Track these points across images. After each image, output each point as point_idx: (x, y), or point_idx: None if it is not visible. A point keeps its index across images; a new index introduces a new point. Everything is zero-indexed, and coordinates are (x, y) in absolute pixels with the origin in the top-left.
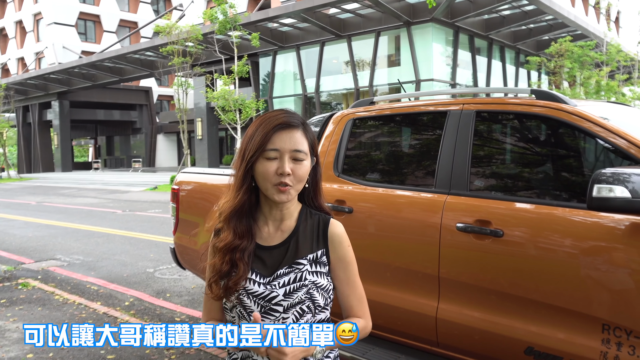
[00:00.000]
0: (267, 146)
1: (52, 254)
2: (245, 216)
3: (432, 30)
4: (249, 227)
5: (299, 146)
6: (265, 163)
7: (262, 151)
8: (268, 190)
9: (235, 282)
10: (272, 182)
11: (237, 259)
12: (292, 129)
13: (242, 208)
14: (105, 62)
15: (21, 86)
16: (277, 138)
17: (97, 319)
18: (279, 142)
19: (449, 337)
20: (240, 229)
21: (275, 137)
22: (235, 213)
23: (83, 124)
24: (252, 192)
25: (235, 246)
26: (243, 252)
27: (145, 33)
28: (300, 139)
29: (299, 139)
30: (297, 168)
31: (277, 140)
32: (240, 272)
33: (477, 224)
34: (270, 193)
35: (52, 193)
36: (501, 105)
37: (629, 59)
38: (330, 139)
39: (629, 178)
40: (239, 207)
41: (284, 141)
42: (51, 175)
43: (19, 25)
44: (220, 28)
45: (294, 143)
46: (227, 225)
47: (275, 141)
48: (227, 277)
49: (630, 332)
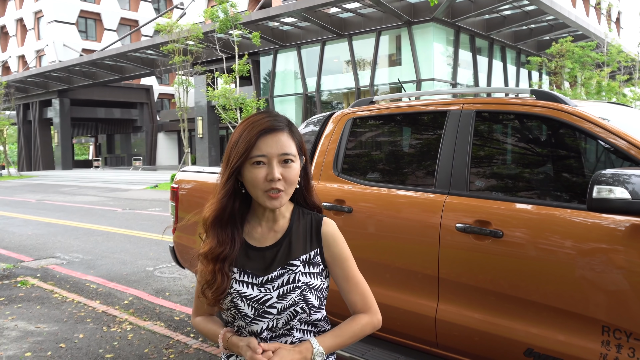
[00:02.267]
0: (253, 152)
1: (52, 252)
2: (229, 223)
3: (433, 30)
4: (232, 234)
5: (286, 149)
6: (252, 170)
7: (247, 158)
8: (259, 198)
9: (215, 293)
10: (262, 188)
11: (217, 270)
12: (277, 132)
13: (224, 214)
14: (106, 60)
15: (22, 84)
16: (263, 143)
17: (96, 318)
18: (265, 147)
19: (448, 338)
20: (222, 237)
21: (260, 143)
22: (217, 219)
23: (83, 122)
24: (238, 198)
25: (217, 254)
26: (224, 262)
27: (146, 31)
28: (287, 142)
29: (285, 142)
30: (287, 172)
31: (263, 146)
32: (217, 284)
33: (476, 224)
34: (262, 200)
35: (52, 191)
36: (501, 105)
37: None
38: (330, 139)
39: (629, 179)
40: (221, 213)
41: (270, 146)
42: (51, 173)
43: (19, 23)
44: (221, 27)
45: (281, 147)
46: (209, 232)
47: (261, 146)
48: (211, 288)
49: (630, 334)
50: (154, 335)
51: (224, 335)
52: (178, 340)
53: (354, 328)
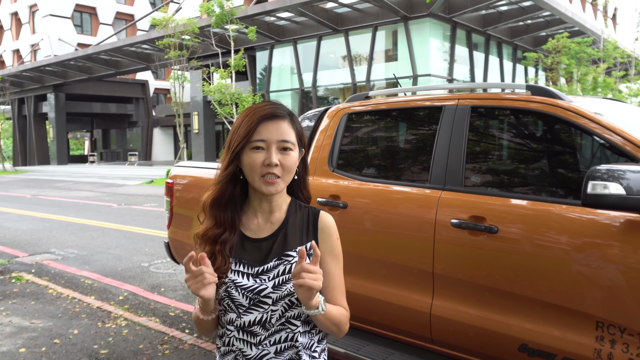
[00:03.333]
0: (253, 137)
1: (47, 248)
2: (229, 207)
3: (429, 26)
4: (232, 218)
5: (285, 136)
6: (251, 154)
7: (248, 142)
8: (255, 182)
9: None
10: (259, 173)
11: (217, 251)
12: (278, 119)
13: (223, 197)
14: (102, 55)
15: (16, 78)
16: (263, 128)
17: (91, 314)
18: (265, 132)
19: (443, 334)
20: (220, 219)
21: (261, 128)
22: (216, 202)
23: (79, 117)
24: (238, 184)
25: (214, 235)
26: (224, 244)
27: (141, 26)
28: (287, 130)
29: (285, 129)
30: (285, 159)
31: (263, 131)
32: (217, 264)
33: (471, 220)
34: (258, 185)
35: (47, 186)
36: (496, 100)
37: (625, 56)
38: (325, 134)
39: (624, 175)
40: (219, 196)
41: (270, 132)
42: (47, 168)
43: (14, 17)
44: (216, 21)
45: (281, 133)
46: (207, 213)
47: (262, 132)
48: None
49: (624, 330)
50: (149, 331)
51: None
52: (173, 336)
53: (341, 315)
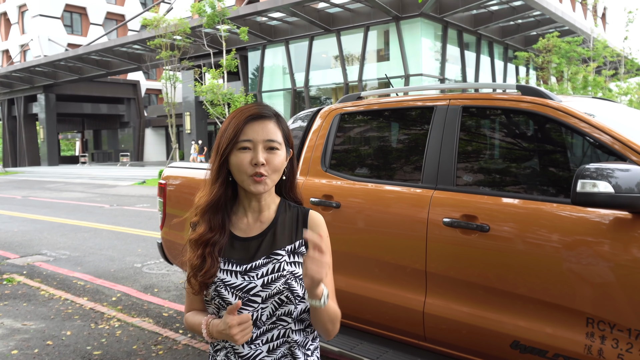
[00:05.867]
0: (240, 137)
1: (38, 249)
2: (221, 210)
3: (421, 25)
4: (222, 221)
5: (272, 136)
6: (239, 155)
7: (235, 143)
8: (244, 182)
9: (204, 276)
10: (247, 173)
11: (206, 253)
12: (264, 119)
13: (218, 202)
14: (92, 55)
15: (6, 79)
16: (250, 129)
17: (84, 315)
18: (251, 132)
19: (436, 332)
20: (214, 223)
21: (247, 128)
22: (211, 207)
23: (70, 118)
24: (229, 185)
25: (207, 239)
26: (214, 247)
27: (132, 26)
28: (273, 129)
29: (271, 129)
30: (271, 158)
31: (250, 131)
32: (207, 266)
33: (463, 219)
34: (247, 184)
35: (38, 187)
36: (487, 100)
37: (615, 55)
38: (318, 134)
39: (613, 173)
40: (215, 201)
41: (257, 132)
42: (37, 169)
43: (3, 17)
44: (208, 21)
45: (267, 133)
46: (202, 218)
47: (248, 132)
48: (200, 272)
49: (613, 326)
50: (143, 332)
51: (206, 321)
52: (167, 337)
53: (338, 313)
